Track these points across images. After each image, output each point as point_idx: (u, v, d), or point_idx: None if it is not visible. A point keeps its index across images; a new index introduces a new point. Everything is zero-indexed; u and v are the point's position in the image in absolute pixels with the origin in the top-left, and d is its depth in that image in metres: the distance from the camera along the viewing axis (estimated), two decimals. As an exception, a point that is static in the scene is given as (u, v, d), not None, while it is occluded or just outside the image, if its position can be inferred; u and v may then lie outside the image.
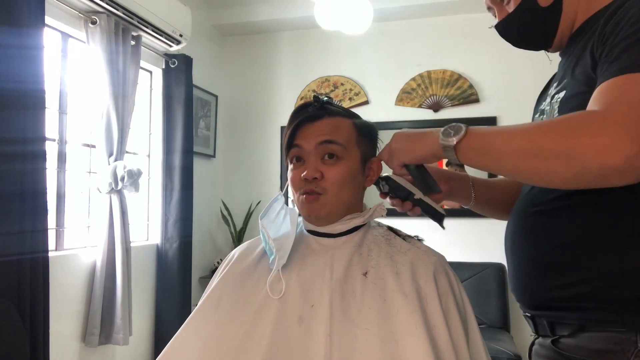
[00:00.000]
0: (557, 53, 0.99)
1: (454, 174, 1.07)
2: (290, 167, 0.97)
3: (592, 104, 0.72)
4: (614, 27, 0.75)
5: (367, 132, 1.00)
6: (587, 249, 0.78)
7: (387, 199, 1.00)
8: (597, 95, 0.72)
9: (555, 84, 0.93)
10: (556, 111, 0.87)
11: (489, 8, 1.00)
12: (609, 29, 0.76)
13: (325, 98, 0.98)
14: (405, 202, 0.96)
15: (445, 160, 0.88)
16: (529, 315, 0.91)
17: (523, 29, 0.94)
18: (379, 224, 1.03)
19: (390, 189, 0.97)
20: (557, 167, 0.71)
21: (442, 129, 0.83)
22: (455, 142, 0.80)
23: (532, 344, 0.93)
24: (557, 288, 0.82)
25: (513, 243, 0.93)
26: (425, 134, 0.86)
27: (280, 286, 0.90)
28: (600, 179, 0.69)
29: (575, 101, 0.82)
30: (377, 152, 1.03)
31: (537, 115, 0.99)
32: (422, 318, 0.84)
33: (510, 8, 0.93)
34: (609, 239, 0.77)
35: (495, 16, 0.99)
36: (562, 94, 0.87)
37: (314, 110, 0.96)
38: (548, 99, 0.93)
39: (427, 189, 0.93)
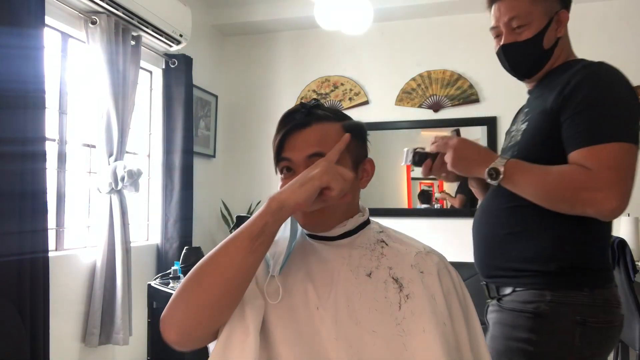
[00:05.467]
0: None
1: None
2: (280, 176, 0.96)
3: (583, 163, 1.05)
4: (569, 95, 1.09)
5: (357, 134, 0.97)
6: (522, 238, 1.16)
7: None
8: (582, 159, 1.05)
9: (522, 116, 1.26)
10: (519, 138, 1.21)
11: (494, 28, 1.22)
12: (565, 95, 1.10)
13: (313, 102, 0.96)
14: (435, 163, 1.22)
15: None
16: (484, 283, 1.26)
17: (523, 59, 1.22)
18: (378, 225, 1.02)
19: (420, 159, 1.22)
20: (565, 208, 1.08)
21: (487, 167, 1.12)
22: (496, 184, 1.14)
23: (487, 307, 1.26)
24: (503, 262, 1.19)
25: (477, 229, 1.29)
26: (478, 166, 1.15)
27: (277, 291, 0.88)
28: (596, 217, 1.06)
29: (533, 134, 1.18)
30: (368, 152, 1.01)
31: (507, 136, 1.31)
32: (432, 318, 0.84)
33: (521, 37, 1.18)
34: (536, 232, 1.15)
35: (495, 36, 1.23)
36: (524, 126, 1.21)
37: (302, 118, 0.93)
38: (515, 126, 1.27)
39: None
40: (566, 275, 1.11)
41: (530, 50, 1.19)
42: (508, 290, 1.18)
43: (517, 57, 1.21)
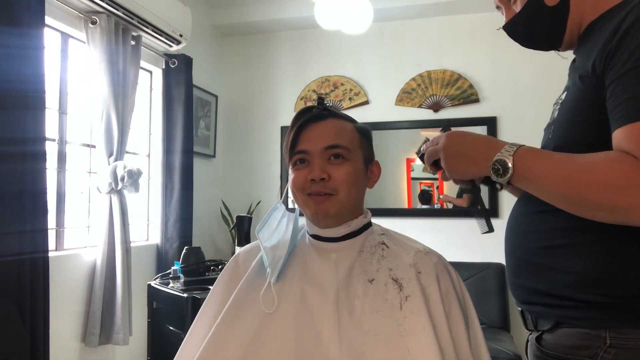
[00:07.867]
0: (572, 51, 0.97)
1: None
2: (291, 169, 0.97)
3: (626, 148, 0.71)
4: (619, 43, 0.74)
5: (367, 135, 1.01)
6: (563, 253, 0.83)
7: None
8: (626, 141, 0.71)
9: (565, 85, 0.95)
10: (556, 112, 0.91)
11: (498, 7, 1.00)
12: (613, 45, 0.75)
13: (328, 104, 1.00)
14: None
15: None
16: (519, 309, 0.96)
17: (530, 28, 0.93)
18: (380, 227, 1.03)
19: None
20: (602, 215, 0.74)
21: (491, 160, 0.80)
22: (505, 183, 0.81)
23: (527, 341, 0.96)
24: (538, 284, 0.87)
25: (506, 239, 0.98)
26: (479, 161, 0.84)
27: (273, 299, 0.90)
28: None
29: (571, 108, 0.86)
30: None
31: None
32: (429, 320, 0.85)
33: (517, 8, 0.92)
34: (583, 246, 0.81)
35: (504, 15, 0.99)
36: (564, 96, 0.90)
37: (318, 111, 0.97)
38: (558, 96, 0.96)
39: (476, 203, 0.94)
40: (631, 307, 0.76)
41: (533, 18, 0.91)
42: (548, 324, 0.86)
43: (522, 32, 0.95)
